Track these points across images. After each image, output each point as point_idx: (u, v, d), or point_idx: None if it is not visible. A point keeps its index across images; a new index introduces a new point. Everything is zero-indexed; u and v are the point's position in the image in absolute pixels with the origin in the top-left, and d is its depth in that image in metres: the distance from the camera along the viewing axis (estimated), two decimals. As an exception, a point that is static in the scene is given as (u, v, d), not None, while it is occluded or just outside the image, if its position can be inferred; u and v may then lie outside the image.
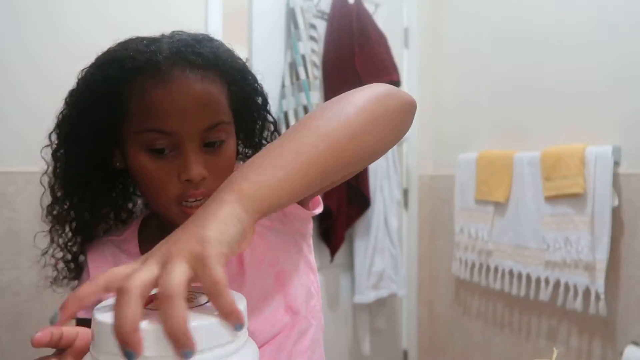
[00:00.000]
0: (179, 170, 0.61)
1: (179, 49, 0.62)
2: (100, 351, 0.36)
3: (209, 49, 0.64)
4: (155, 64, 0.61)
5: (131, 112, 0.61)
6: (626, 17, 1.50)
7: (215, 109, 0.62)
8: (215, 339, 0.36)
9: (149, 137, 0.60)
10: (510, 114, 1.89)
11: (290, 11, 1.80)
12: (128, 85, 0.61)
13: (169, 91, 0.60)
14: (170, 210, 0.62)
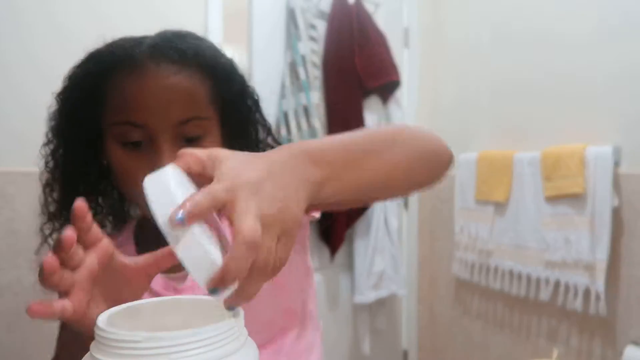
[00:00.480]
0: (153, 165, 0.58)
1: (157, 44, 0.63)
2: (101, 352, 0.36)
3: (190, 45, 0.64)
4: (132, 58, 0.61)
5: (108, 106, 0.62)
6: (626, 17, 1.50)
7: (190, 103, 0.62)
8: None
9: (122, 129, 0.61)
10: (510, 114, 1.89)
11: (290, 11, 1.81)
12: (107, 80, 0.62)
13: (142, 84, 0.60)
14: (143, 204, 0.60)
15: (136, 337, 0.34)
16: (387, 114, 2.04)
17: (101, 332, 0.35)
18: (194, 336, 0.35)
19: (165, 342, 0.34)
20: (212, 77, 0.65)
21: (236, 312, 0.40)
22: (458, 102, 2.15)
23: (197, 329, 0.35)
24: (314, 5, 1.88)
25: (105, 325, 0.36)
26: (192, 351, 0.34)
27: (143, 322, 0.42)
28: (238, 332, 0.38)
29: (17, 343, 1.35)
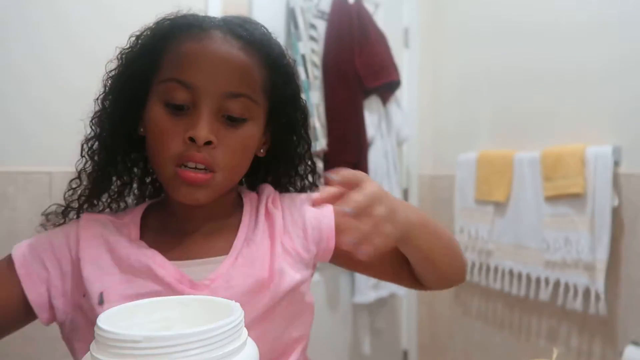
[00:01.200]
0: (187, 127, 0.58)
1: (228, 19, 0.64)
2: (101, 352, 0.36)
3: (259, 32, 0.65)
4: (200, 24, 0.62)
5: (162, 64, 0.61)
6: (627, 18, 1.50)
7: (244, 80, 0.61)
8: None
9: (169, 87, 0.60)
10: (511, 113, 1.89)
11: (290, 11, 1.81)
12: (170, 41, 0.62)
13: (201, 46, 0.60)
14: (166, 170, 0.60)
15: (136, 337, 0.34)
16: (387, 114, 2.04)
17: (101, 332, 0.35)
18: (194, 336, 0.35)
19: (165, 342, 0.34)
20: (270, 70, 0.65)
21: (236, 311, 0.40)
22: (458, 102, 2.15)
23: (197, 329, 0.35)
24: (314, 5, 1.88)
25: (105, 325, 0.36)
26: (192, 351, 0.34)
27: (143, 322, 0.42)
28: (238, 332, 0.38)
29: (17, 343, 1.35)
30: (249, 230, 0.67)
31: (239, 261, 0.63)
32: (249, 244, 0.65)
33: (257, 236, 0.66)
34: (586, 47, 1.61)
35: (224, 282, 0.61)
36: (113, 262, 0.61)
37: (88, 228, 0.64)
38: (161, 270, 0.60)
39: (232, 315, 0.39)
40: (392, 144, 2.05)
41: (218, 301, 0.44)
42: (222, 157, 0.60)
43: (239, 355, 0.37)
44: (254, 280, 0.62)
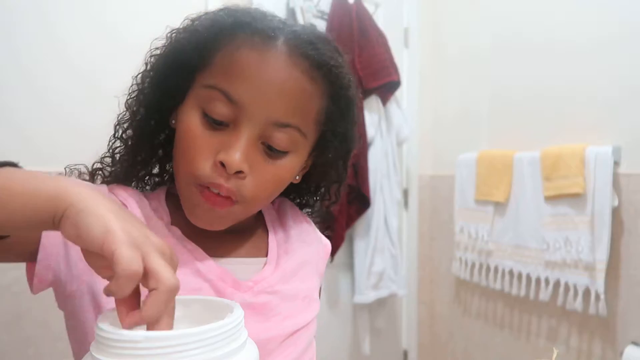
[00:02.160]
0: (220, 148, 0.52)
1: (298, 32, 0.55)
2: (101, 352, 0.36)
3: (329, 54, 0.56)
4: (266, 30, 0.53)
5: (211, 64, 0.54)
6: (627, 18, 1.50)
7: (298, 109, 0.54)
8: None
9: (212, 95, 0.53)
10: (510, 113, 1.89)
11: (290, 11, 1.81)
12: (226, 39, 0.54)
13: (259, 59, 0.52)
14: (187, 185, 0.54)
15: (136, 337, 0.34)
16: (387, 114, 2.04)
17: (101, 332, 0.35)
18: (194, 336, 0.35)
19: (165, 342, 0.34)
20: (331, 100, 0.58)
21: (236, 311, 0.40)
22: (458, 102, 2.15)
23: (197, 329, 0.35)
24: (314, 5, 1.88)
25: (105, 325, 0.36)
26: (192, 351, 0.34)
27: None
28: (238, 332, 0.38)
29: (17, 343, 1.35)
30: (278, 237, 0.66)
31: (280, 267, 0.62)
32: (286, 250, 0.65)
33: (291, 244, 0.66)
34: (586, 48, 1.61)
35: (268, 287, 0.60)
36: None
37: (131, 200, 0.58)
38: (203, 266, 0.57)
39: (232, 315, 0.39)
40: (392, 143, 2.05)
41: (218, 301, 0.44)
42: (251, 188, 0.54)
43: (239, 355, 0.37)
44: (294, 291, 0.62)
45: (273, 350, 0.58)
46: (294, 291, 0.62)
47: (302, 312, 0.62)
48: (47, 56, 1.41)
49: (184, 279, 0.53)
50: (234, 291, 0.57)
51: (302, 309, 0.63)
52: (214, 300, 0.44)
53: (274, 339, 0.58)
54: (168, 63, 0.58)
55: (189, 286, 0.55)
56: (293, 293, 0.62)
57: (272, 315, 0.59)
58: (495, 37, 1.95)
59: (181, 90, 0.57)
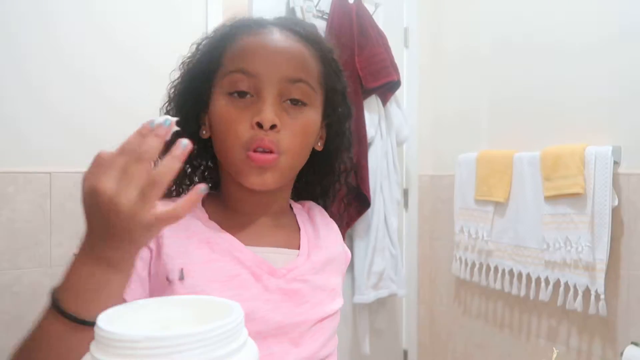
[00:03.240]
0: (253, 114, 0.62)
1: (286, 18, 0.69)
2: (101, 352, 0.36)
3: (314, 32, 0.69)
4: (258, 23, 0.67)
5: (224, 62, 0.65)
6: (626, 19, 1.50)
7: (302, 67, 0.65)
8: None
9: (233, 78, 0.63)
10: (510, 113, 1.89)
11: (291, 11, 1.81)
12: (230, 41, 0.66)
13: (259, 38, 0.64)
14: (236, 156, 0.63)
15: (136, 337, 0.34)
16: (387, 114, 2.04)
17: (101, 332, 0.35)
18: (194, 336, 0.35)
19: (165, 342, 0.34)
20: (323, 63, 0.69)
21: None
22: (458, 102, 2.15)
23: (197, 329, 0.35)
24: (314, 5, 1.88)
25: (105, 325, 0.36)
26: (192, 351, 0.34)
27: (144, 322, 0.42)
28: (238, 332, 0.38)
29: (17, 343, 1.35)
30: (309, 233, 0.73)
31: (311, 259, 0.69)
32: (316, 245, 0.72)
33: (321, 241, 0.73)
34: (586, 48, 1.61)
35: (299, 275, 0.66)
36: (191, 243, 0.63)
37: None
38: (241, 254, 0.64)
39: (232, 315, 0.39)
40: (392, 144, 2.05)
41: (218, 301, 0.44)
42: (286, 140, 0.63)
43: (239, 355, 0.37)
44: (322, 282, 0.68)
45: (303, 334, 0.65)
46: (322, 282, 0.69)
47: (328, 303, 0.68)
48: (46, 58, 1.41)
49: (225, 266, 0.62)
50: (270, 277, 0.64)
51: (329, 300, 0.69)
52: (214, 300, 0.44)
53: (304, 323, 0.65)
54: (187, 85, 0.69)
55: (230, 272, 0.62)
56: (321, 284, 0.68)
57: (303, 302, 0.65)
58: (495, 37, 1.95)
59: (205, 102, 0.67)
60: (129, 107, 1.48)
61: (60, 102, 1.42)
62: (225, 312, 0.40)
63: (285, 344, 0.63)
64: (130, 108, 1.48)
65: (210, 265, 0.62)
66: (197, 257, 0.62)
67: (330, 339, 0.69)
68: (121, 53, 1.51)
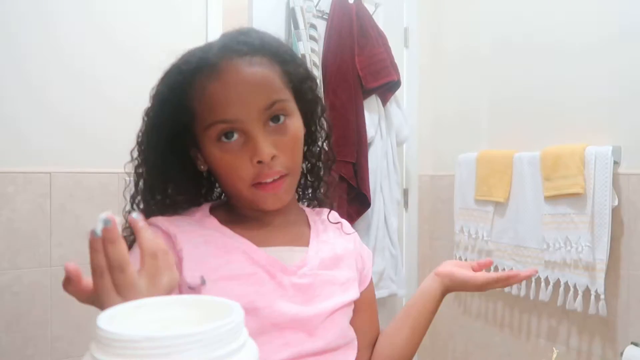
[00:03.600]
0: (251, 154, 0.65)
1: (226, 43, 0.68)
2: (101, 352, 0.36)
3: (254, 37, 0.70)
4: (206, 60, 0.66)
5: (197, 112, 0.67)
6: (626, 19, 1.50)
7: (269, 89, 0.67)
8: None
9: (216, 129, 0.65)
10: (510, 113, 1.89)
11: (291, 11, 1.80)
12: (189, 87, 0.67)
13: (223, 82, 0.65)
14: (247, 193, 0.67)
15: (136, 337, 0.34)
16: (387, 114, 2.04)
17: (101, 332, 0.35)
18: (194, 336, 0.35)
19: (165, 342, 0.34)
20: (279, 62, 0.70)
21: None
22: (458, 102, 2.15)
23: (197, 329, 0.35)
24: (314, 5, 1.88)
25: (105, 325, 0.36)
26: (192, 351, 0.34)
27: (144, 322, 0.42)
28: (238, 332, 0.38)
29: (17, 343, 1.36)
30: (319, 232, 0.78)
31: (319, 255, 0.73)
32: (323, 242, 0.76)
33: (329, 238, 0.78)
34: (586, 48, 1.61)
35: (309, 270, 0.71)
36: (209, 249, 0.67)
37: (174, 225, 0.68)
38: (255, 255, 0.68)
39: (232, 315, 0.39)
40: (392, 144, 2.05)
41: (218, 301, 0.44)
42: (287, 160, 0.67)
43: (239, 355, 0.37)
44: (332, 277, 0.73)
45: (318, 325, 0.69)
46: (331, 276, 0.73)
47: (340, 295, 0.73)
48: (46, 58, 1.41)
49: (241, 266, 0.67)
50: (283, 275, 0.68)
51: (340, 292, 0.73)
52: (213, 300, 0.44)
53: (316, 316, 0.69)
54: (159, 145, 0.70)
55: (246, 271, 0.67)
56: (330, 278, 0.73)
57: (315, 295, 0.70)
58: (495, 37, 1.95)
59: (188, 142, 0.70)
60: (129, 107, 1.48)
61: (60, 102, 1.42)
62: (225, 312, 0.40)
63: (301, 334, 0.67)
64: (130, 108, 1.47)
65: (228, 266, 0.66)
66: (215, 260, 0.67)
67: (345, 329, 0.74)
68: (121, 53, 1.51)
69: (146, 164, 0.72)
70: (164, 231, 0.68)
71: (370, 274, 0.86)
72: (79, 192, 1.45)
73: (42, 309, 1.39)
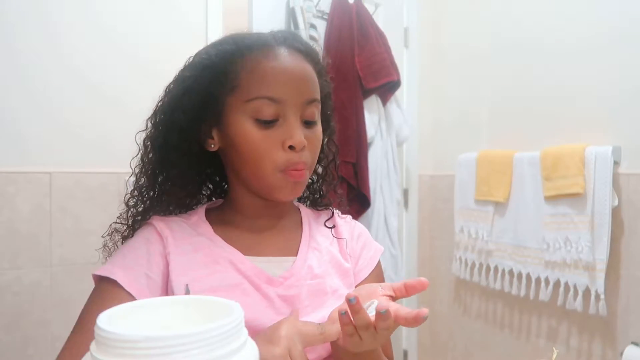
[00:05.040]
0: (284, 138, 0.66)
1: (284, 35, 0.71)
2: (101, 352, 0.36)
3: (305, 42, 0.74)
4: (265, 42, 0.69)
5: (242, 84, 0.67)
6: (626, 19, 1.50)
7: (315, 87, 0.70)
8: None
9: (259, 104, 0.66)
10: (510, 113, 1.89)
11: (291, 11, 1.81)
12: (240, 57, 0.67)
13: (280, 64, 0.67)
14: (273, 178, 0.67)
15: (136, 337, 0.34)
16: (387, 114, 2.04)
17: (101, 332, 0.35)
18: (194, 336, 0.35)
19: (165, 342, 0.34)
20: (317, 72, 0.73)
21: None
22: (458, 102, 2.15)
23: (197, 329, 0.35)
24: (314, 5, 1.88)
25: (105, 325, 0.36)
26: (192, 351, 0.34)
27: (144, 322, 0.42)
28: (238, 332, 0.38)
29: (17, 343, 1.35)
30: (310, 238, 0.76)
31: (307, 264, 0.72)
32: (313, 250, 0.75)
33: (320, 245, 0.76)
34: (586, 48, 1.61)
35: (296, 281, 0.70)
36: (197, 257, 0.68)
37: (169, 228, 0.70)
38: (242, 265, 0.68)
39: (232, 315, 0.39)
40: (392, 144, 2.05)
41: (218, 301, 0.44)
42: (310, 157, 0.70)
43: (239, 355, 0.37)
44: (321, 286, 0.71)
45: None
46: (321, 286, 0.71)
47: (332, 305, 0.69)
48: (46, 58, 1.41)
49: (227, 275, 0.67)
50: (268, 286, 0.68)
51: (333, 301, 0.71)
52: (213, 300, 0.44)
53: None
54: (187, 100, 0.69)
55: (232, 281, 0.67)
56: (321, 287, 0.71)
57: (302, 307, 0.69)
58: (495, 37, 1.95)
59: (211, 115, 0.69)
60: (129, 107, 1.48)
61: (61, 102, 1.42)
62: (225, 312, 0.40)
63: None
64: (130, 108, 1.48)
65: (214, 277, 0.66)
66: (201, 270, 0.67)
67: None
68: (121, 53, 1.51)
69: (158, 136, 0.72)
70: (157, 232, 0.69)
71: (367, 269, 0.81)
72: (79, 192, 1.45)
73: (42, 309, 1.39)
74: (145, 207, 0.74)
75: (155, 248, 0.67)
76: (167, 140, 0.71)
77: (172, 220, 0.72)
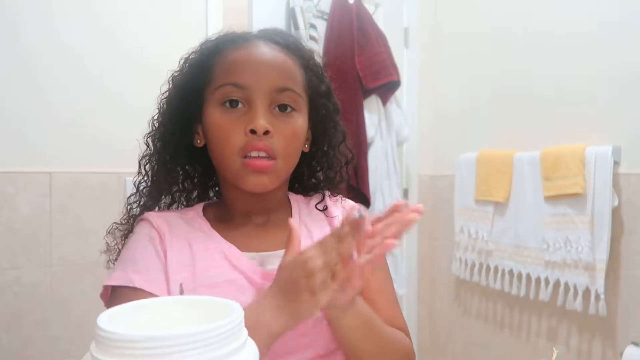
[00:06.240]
0: (246, 123, 0.66)
1: (266, 30, 0.74)
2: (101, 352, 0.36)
3: (293, 39, 0.75)
4: (245, 37, 0.71)
5: (214, 74, 0.69)
6: (626, 18, 1.50)
7: (287, 75, 0.70)
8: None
9: (225, 90, 0.67)
10: (510, 113, 1.89)
11: (291, 11, 1.80)
12: (216, 53, 0.70)
13: (247, 52, 0.69)
14: (232, 163, 0.67)
15: (136, 337, 0.34)
16: (387, 114, 2.04)
17: (101, 332, 0.35)
18: (194, 336, 0.35)
19: (165, 342, 0.34)
20: (307, 71, 0.73)
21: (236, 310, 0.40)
22: (458, 102, 2.15)
23: (197, 329, 0.35)
24: (314, 5, 1.88)
25: (105, 325, 0.36)
26: (192, 351, 0.34)
27: (144, 322, 0.42)
28: (238, 332, 0.38)
29: (17, 343, 1.35)
30: (301, 226, 0.76)
31: None
32: (305, 237, 0.74)
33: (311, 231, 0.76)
34: (586, 48, 1.61)
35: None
36: (193, 253, 0.68)
37: (166, 223, 0.70)
38: (237, 261, 0.69)
39: (232, 315, 0.39)
40: (392, 144, 2.05)
41: (218, 301, 0.44)
42: (280, 144, 0.68)
43: (239, 355, 0.37)
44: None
45: (306, 332, 0.67)
46: None
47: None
48: (47, 58, 1.41)
49: (223, 271, 0.67)
50: (264, 281, 0.67)
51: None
52: (213, 300, 0.45)
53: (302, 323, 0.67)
54: (178, 99, 0.73)
55: (228, 277, 0.67)
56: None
57: None
58: (495, 37, 1.95)
59: (197, 113, 0.72)
60: (130, 107, 1.48)
61: (61, 102, 1.42)
62: (225, 312, 0.40)
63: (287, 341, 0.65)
64: (130, 108, 1.48)
65: (210, 272, 0.67)
66: (196, 267, 0.67)
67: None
68: (121, 53, 1.51)
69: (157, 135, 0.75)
70: (155, 228, 0.69)
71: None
72: (79, 192, 1.45)
73: (42, 309, 1.39)
74: (145, 205, 0.76)
75: (158, 243, 0.68)
76: (165, 138, 0.73)
77: (168, 215, 0.73)
